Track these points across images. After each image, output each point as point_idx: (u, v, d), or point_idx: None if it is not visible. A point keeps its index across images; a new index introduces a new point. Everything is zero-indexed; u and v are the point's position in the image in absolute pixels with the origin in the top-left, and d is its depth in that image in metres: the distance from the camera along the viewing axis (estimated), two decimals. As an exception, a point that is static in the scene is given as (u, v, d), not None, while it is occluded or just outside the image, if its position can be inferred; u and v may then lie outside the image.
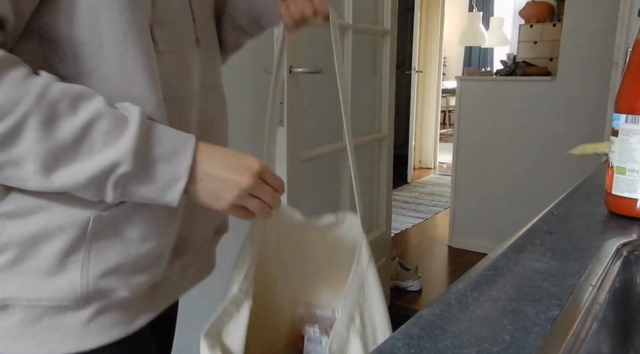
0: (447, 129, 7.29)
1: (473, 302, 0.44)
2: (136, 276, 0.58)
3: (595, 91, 2.65)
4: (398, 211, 3.97)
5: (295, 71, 1.49)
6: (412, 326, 0.39)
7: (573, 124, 2.75)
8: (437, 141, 5.55)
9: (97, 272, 0.55)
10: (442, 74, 5.45)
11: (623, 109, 0.67)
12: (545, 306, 0.43)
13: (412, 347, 0.36)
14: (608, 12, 2.54)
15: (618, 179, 0.69)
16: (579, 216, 0.70)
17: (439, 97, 5.41)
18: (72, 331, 0.55)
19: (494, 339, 0.37)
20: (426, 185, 4.92)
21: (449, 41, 6.78)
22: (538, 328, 0.39)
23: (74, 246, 0.54)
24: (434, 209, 4.10)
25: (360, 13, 1.96)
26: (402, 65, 5.17)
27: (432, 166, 5.56)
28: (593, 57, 2.65)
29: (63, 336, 0.55)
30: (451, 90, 6.44)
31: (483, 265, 0.52)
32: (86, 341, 0.56)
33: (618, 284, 0.50)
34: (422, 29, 5.15)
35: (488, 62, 7.58)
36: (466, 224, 3.17)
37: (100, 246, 0.55)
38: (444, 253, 3.17)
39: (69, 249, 0.53)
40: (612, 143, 0.70)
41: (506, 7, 6.79)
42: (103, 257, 0.55)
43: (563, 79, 2.76)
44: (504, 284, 0.47)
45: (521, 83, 2.90)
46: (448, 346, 0.36)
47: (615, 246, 0.55)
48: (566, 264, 0.52)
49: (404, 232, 3.55)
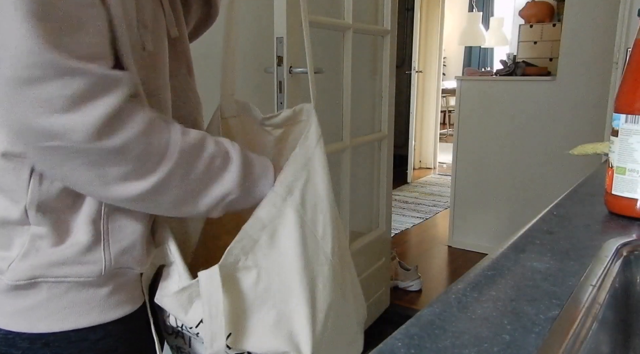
0: (447, 129, 7.29)
1: (473, 302, 0.44)
2: (146, 255, 0.64)
3: (595, 90, 2.65)
4: (398, 211, 3.97)
5: (295, 71, 1.49)
6: (412, 326, 0.39)
7: (573, 124, 2.75)
8: (437, 141, 5.55)
9: (116, 250, 0.60)
10: (442, 74, 5.46)
11: (623, 109, 0.67)
12: (545, 306, 0.43)
13: (412, 347, 0.36)
14: (608, 12, 2.55)
15: (618, 179, 0.69)
16: (579, 216, 0.70)
17: (439, 97, 5.41)
18: (94, 304, 0.60)
19: (494, 339, 0.37)
20: (426, 185, 4.92)
21: (449, 41, 6.79)
22: (538, 328, 0.39)
23: (95, 224, 0.58)
24: (434, 209, 4.10)
25: (360, 13, 1.96)
26: (402, 65, 5.17)
27: (432, 166, 5.56)
28: (593, 57, 2.66)
29: (87, 310, 0.59)
30: (451, 90, 6.45)
31: (483, 265, 0.52)
32: (105, 314, 0.61)
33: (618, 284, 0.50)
34: (422, 29, 5.16)
35: (488, 62, 7.59)
36: (466, 224, 3.17)
37: (116, 225, 0.60)
38: (444, 253, 3.17)
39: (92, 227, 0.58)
40: (612, 143, 0.70)
41: (506, 7, 6.79)
42: (119, 236, 0.60)
43: (563, 79, 2.76)
44: (504, 284, 0.47)
45: (521, 83, 2.90)
46: (448, 346, 0.36)
47: (615, 246, 0.55)
48: (566, 264, 0.52)
49: (404, 232, 3.55)
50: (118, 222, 0.60)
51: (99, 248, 0.58)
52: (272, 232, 0.63)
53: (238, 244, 0.61)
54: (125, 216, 0.60)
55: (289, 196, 0.64)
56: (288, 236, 0.63)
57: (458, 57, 7.80)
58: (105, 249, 0.59)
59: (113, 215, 0.59)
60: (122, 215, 0.60)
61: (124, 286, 0.63)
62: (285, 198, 0.64)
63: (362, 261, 2.15)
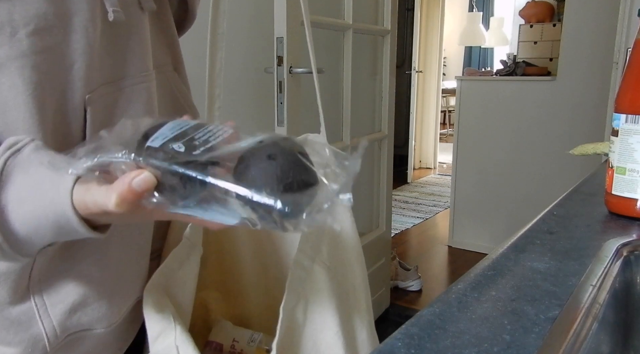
0: (447, 129, 7.28)
1: (473, 302, 0.43)
2: (113, 300, 0.52)
3: (595, 91, 2.65)
4: (398, 211, 3.97)
5: (295, 71, 1.49)
6: (412, 326, 0.39)
7: (573, 124, 2.75)
8: (437, 141, 5.55)
9: (60, 312, 0.48)
10: (442, 74, 5.45)
11: (623, 109, 0.67)
12: (545, 306, 0.43)
13: (412, 347, 0.36)
14: (608, 12, 2.54)
15: (618, 179, 0.69)
16: (579, 216, 0.70)
17: (439, 97, 5.41)
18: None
19: (494, 339, 0.37)
20: (426, 185, 4.92)
21: (449, 41, 6.78)
22: (538, 328, 0.39)
23: (20, 291, 0.46)
24: (434, 209, 4.10)
25: (360, 13, 1.96)
26: (402, 65, 5.17)
27: (432, 166, 5.56)
28: (593, 57, 2.65)
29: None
30: (451, 90, 6.44)
31: (483, 265, 0.52)
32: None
33: (618, 284, 0.50)
34: (422, 29, 5.15)
35: (488, 62, 7.58)
36: (466, 224, 3.17)
37: (51, 283, 0.48)
38: (444, 253, 3.17)
39: (14, 297, 0.46)
40: (612, 143, 0.70)
41: (506, 7, 6.78)
42: (59, 295, 0.48)
43: (563, 79, 2.76)
44: (504, 284, 0.47)
45: (521, 83, 2.89)
46: (448, 346, 0.36)
47: (615, 246, 0.55)
48: (566, 264, 0.52)
49: (404, 232, 3.55)
50: (53, 280, 0.48)
51: (33, 321, 0.47)
52: (305, 304, 0.58)
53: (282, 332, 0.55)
54: (64, 268, 0.48)
55: (318, 255, 0.59)
56: (323, 305, 0.58)
57: (458, 57, 7.79)
58: (44, 318, 0.47)
59: (43, 274, 0.47)
60: (58, 269, 0.48)
61: (93, 346, 0.51)
62: (313, 257, 0.58)
63: (362, 261, 2.14)
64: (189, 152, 0.36)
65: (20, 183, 0.39)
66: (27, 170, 0.39)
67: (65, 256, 0.48)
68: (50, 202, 0.38)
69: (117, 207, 0.35)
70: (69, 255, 0.48)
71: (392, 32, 2.14)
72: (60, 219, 0.38)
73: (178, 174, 0.35)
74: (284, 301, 0.55)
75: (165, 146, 0.36)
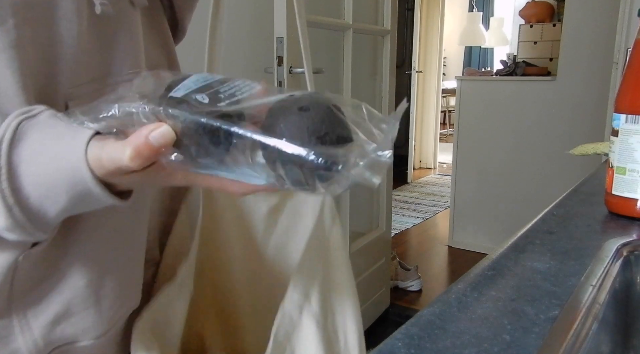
0: (447, 129, 7.28)
1: (473, 302, 0.43)
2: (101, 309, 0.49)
3: (595, 91, 2.65)
4: (398, 211, 3.97)
5: (295, 71, 1.49)
6: (412, 326, 0.39)
7: (573, 124, 2.75)
8: (437, 141, 5.55)
9: (42, 324, 0.45)
10: (442, 74, 5.46)
11: (623, 109, 0.67)
12: (545, 306, 0.43)
13: (412, 347, 0.36)
14: (608, 12, 2.54)
15: (618, 179, 0.69)
16: (579, 216, 0.70)
17: (439, 97, 5.41)
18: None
19: (494, 339, 0.37)
20: (426, 185, 4.92)
21: (449, 41, 6.78)
22: (538, 328, 0.39)
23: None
24: (434, 209, 4.10)
25: (360, 13, 1.96)
26: (402, 65, 5.17)
27: (432, 166, 5.56)
28: (593, 57, 2.65)
29: None
30: (451, 90, 6.44)
31: (483, 265, 0.52)
32: None
33: (618, 284, 0.50)
34: (422, 29, 5.15)
35: (488, 62, 7.58)
36: (466, 224, 3.17)
37: (35, 291, 0.45)
38: (444, 253, 3.17)
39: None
40: (612, 143, 0.70)
41: (506, 7, 6.78)
42: (40, 306, 0.45)
43: (563, 79, 2.76)
44: (504, 284, 0.47)
45: (521, 83, 2.90)
46: (448, 346, 0.36)
47: (615, 246, 0.55)
48: (566, 264, 0.52)
49: (404, 232, 3.55)
50: (36, 289, 0.44)
51: (12, 337, 0.44)
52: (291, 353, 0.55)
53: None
54: (48, 274, 0.45)
55: (306, 304, 0.55)
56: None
57: (458, 57, 7.79)
58: (25, 331, 0.44)
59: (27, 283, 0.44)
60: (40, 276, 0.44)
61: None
62: (301, 306, 0.55)
63: (362, 261, 2.14)
64: (214, 103, 0.33)
65: (35, 140, 0.37)
66: (44, 129, 0.37)
67: (51, 259, 0.45)
68: (63, 156, 0.36)
69: (131, 161, 0.33)
70: (54, 259, 0.45)
71: (392, 32, 2.14)
72: (74, 175, 0.36)
73: (200, 125, 0.32)
74: (269, 350, 0.53)
75: (188, 97, 0.34)
